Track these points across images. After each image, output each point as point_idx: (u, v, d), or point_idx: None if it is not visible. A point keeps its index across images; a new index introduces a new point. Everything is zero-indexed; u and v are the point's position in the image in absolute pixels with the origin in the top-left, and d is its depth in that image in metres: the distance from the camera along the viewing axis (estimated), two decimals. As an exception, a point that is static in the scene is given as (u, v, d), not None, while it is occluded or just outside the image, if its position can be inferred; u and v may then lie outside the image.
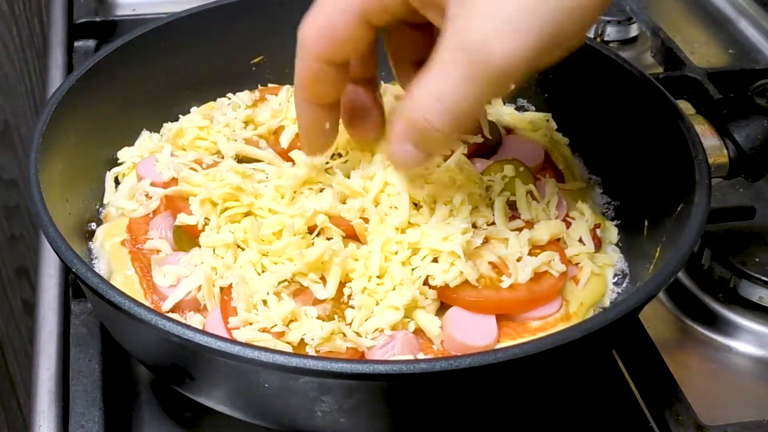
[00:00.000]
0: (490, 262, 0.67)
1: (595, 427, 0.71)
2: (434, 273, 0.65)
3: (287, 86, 0.84)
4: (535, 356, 0.55)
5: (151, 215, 0.73)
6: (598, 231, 0.74)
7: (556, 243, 0.70)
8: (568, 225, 0.72)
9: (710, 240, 0.82)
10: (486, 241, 0.68)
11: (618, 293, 0.71)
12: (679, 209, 0.67)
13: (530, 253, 0.67)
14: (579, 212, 0.73)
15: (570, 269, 0.69)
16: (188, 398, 0.65)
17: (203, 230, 0.68)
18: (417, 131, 0.56)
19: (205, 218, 0.68)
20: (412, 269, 0.66)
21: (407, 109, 0.56)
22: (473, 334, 0.64)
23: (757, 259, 0.81)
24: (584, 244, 0.71)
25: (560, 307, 0.68)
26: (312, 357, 0.59)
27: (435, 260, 0.66)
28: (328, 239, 0.67)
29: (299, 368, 0.54)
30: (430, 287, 0.65)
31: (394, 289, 0.65)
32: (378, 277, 0.65)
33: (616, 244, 0.75)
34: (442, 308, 0.66)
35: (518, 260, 0.67)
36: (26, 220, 1.66)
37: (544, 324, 0.67)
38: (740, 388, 0.77)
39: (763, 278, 0.80)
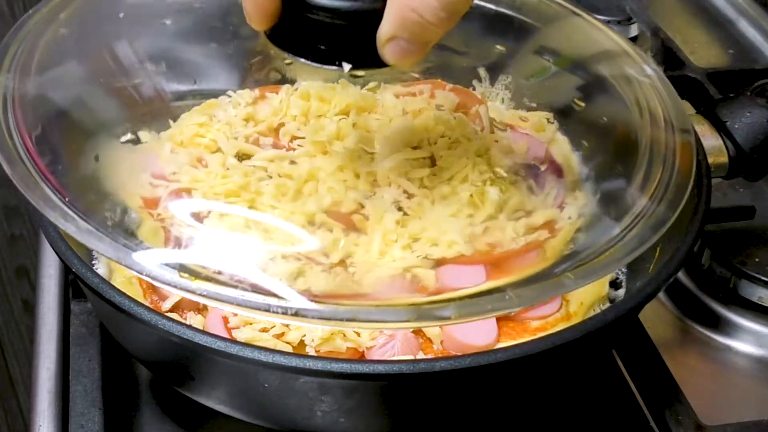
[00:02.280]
0: (488, 243, 0.67)
1: (595, 427, 0.71)
2: (432, 252, 0.65)
3: (287, 85, 0.84)
4: (535, 356, 0.55)
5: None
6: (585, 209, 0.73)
7: (550, 224, 0.69)
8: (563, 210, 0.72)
9: (710, 240, 0.82)
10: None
11: (618, 293, 0.71)
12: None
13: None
14: (573, 198, 0.72)
15: None
16: (188, 398, 0.65)
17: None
18: (410, 26, 0.54)
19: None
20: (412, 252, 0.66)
21: (396, 6, 0.54)
22: (473, 334, 0.64)
23: (757, 259, 0.81)
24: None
25: (560, 306, 0.68)
26: (312, 357, 0.59)
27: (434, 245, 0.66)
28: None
29: (299, 368, 0.54)
30: None
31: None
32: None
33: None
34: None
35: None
36: (26, 220, 1.66)
37: (544, 324, 0.67)
38: (740, 388, 0.77)
39: (763, 278, 0.80)
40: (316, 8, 0.56)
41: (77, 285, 0.76)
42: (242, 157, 0.76)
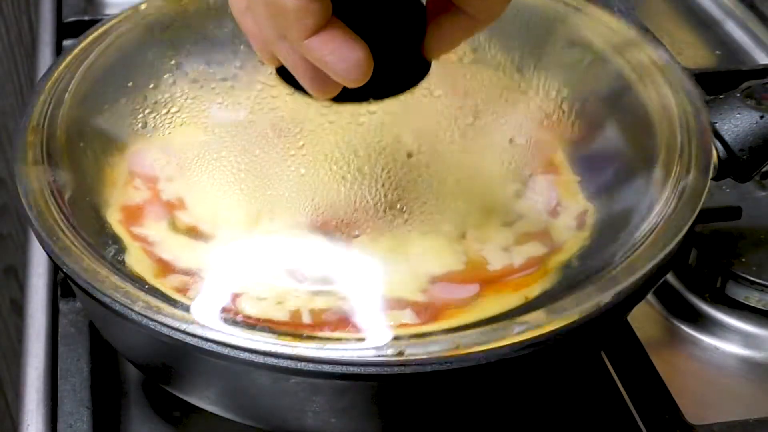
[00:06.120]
0: (480, 254, 0.67)
1: (582, 427, 0.71)
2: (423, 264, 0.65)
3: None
4: (520, 358, 0.56)
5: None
6: (586, 216, 0.73)
7: (545, 233, 0.69)
8: (558, 214, 0.71)
9: (697, 240, 0.83)
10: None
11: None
12: (667, 210, 0.67)
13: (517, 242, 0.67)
14: (570, 202, 0.72)
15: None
16: (178, 397, 0.65)
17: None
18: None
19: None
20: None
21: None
22: (456, 291, 0.64)
23: (743, 260, 0.81)
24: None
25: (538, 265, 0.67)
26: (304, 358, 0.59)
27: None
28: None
29: (291, 369, 0.54)
30: None
31: None
32: None
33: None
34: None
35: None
36: (14, 219, 1.66)
37: (525, 279, 0.66)
38: (726, 387, 0.77)
39: (750, 278, 0.80)
40: None
41: (66, 284, 0.76)
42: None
